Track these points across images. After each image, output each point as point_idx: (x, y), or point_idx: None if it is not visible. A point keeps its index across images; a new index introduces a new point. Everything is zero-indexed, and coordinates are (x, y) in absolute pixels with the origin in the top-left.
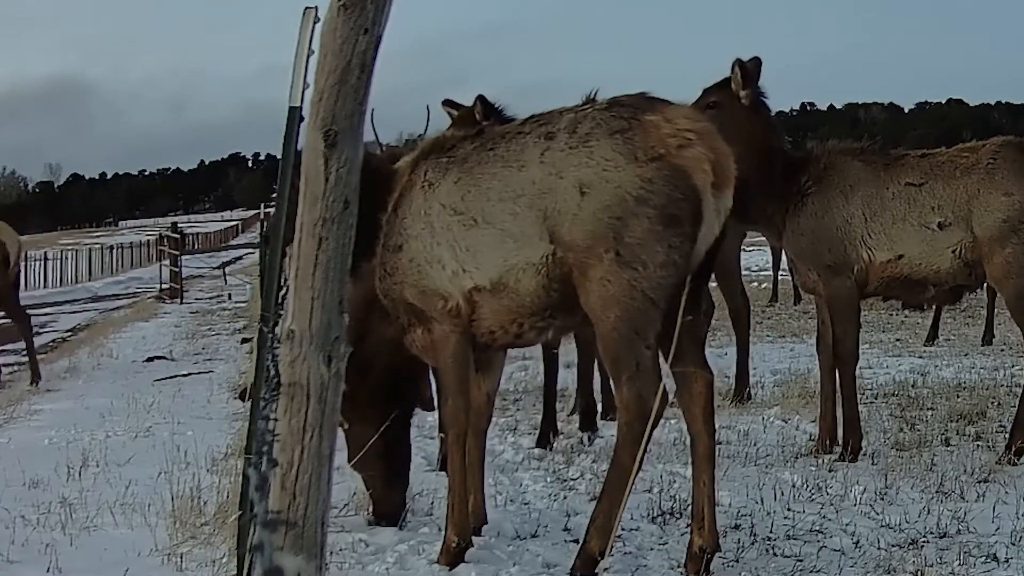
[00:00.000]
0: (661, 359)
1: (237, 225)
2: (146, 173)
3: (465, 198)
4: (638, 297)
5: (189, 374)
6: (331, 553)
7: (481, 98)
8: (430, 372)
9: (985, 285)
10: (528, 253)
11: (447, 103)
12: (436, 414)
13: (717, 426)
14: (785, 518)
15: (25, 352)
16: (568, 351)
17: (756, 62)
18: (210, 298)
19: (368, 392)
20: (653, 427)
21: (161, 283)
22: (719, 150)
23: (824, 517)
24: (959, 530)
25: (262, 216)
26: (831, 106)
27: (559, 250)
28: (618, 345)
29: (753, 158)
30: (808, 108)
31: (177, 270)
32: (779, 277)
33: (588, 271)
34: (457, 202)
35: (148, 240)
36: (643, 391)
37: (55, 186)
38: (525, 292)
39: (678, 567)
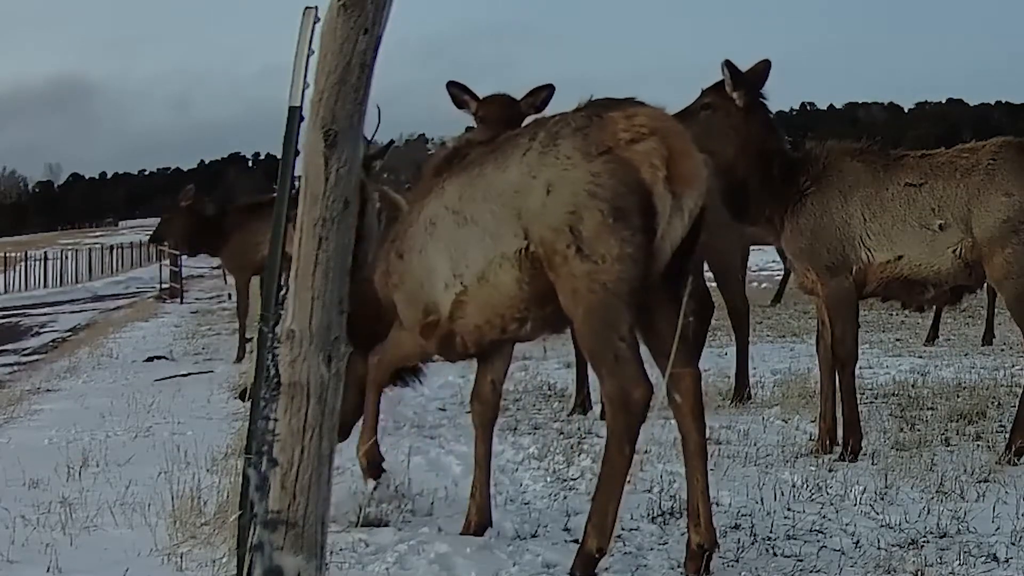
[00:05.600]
0: (658, 369)
1: None
2: (146, 173)
3: (462, 198)
4: (599, 291)
5: (189, 374)
6: (331, 553)
7: (551, 89)
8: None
9: (985, 285)
10: (503, 249)
11: (453, 84)
12: (437, 413)
13: (717, 426)
14: (785, 518)
15: (26, 352)
16: (568, 351)
17: (765, 64)
18: (210, 298)
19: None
20: (640, 421)
21: (161, 283)
22: (676, 148)
23: (824, 517)
24: (959, 530)
25: None
26: (831, 106)
27: (531, 245)
28: (592, 340)
29: (749, 159)
30: (808, 108)
31: (177, 270)
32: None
33: (556, 267)
34: (455, 202)
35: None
36: (624, 383)
37: (55, 186)
38: (502, 285)
39: (678, 567)
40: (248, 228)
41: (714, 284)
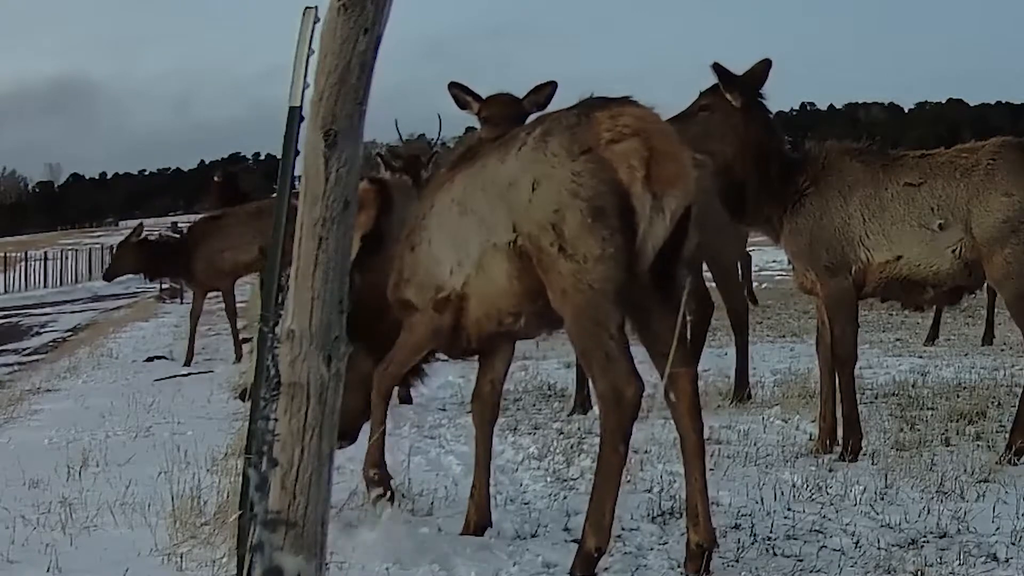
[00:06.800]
0: (656, 372)
1: None
2: (146, 173)
3: (466, 189)
4: (585, 290)
5: (189, 374)
6: (331, 553)
7: (553, 86)
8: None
9: (985, 285)
10: (494, 240)
11: (455, 85)
12: (437, 413)
13: (717, 425)
14: (785, 518)
15: (27, 352)
16: (567, 351)
17: (764, 64)
18: (210, 298)
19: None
20: (632, 419)
21: (161, 283)
22: (659, 148)
23: (824, 517)
24: (959, 530)
25: None
26: (831, 106)
27: (519, 239)
28: (582, 338)
29: (748, 160)
30: (808, 108)
31: None
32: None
33: (543, 265)
34: (460, 193)
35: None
36: (615, 382)
37: (55, 186)
38: (495, 277)
39: (678, 567)
40: (210, 238)
41: (713, 284)
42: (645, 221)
